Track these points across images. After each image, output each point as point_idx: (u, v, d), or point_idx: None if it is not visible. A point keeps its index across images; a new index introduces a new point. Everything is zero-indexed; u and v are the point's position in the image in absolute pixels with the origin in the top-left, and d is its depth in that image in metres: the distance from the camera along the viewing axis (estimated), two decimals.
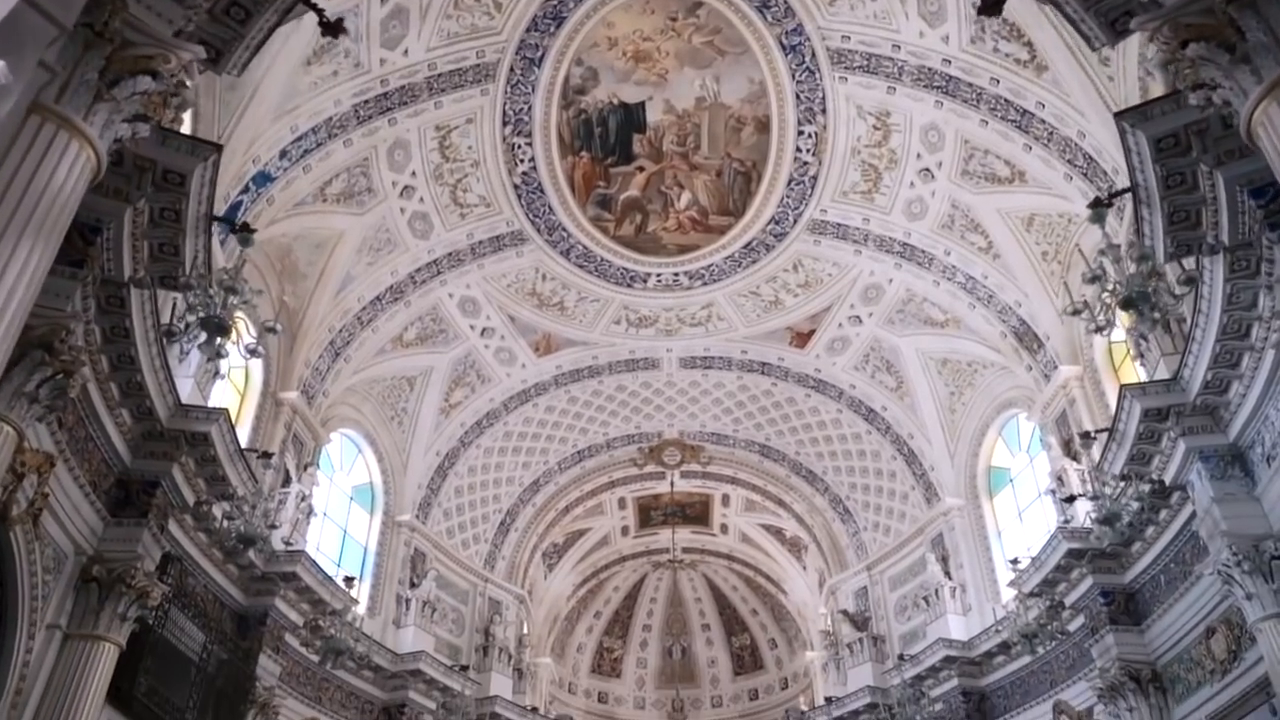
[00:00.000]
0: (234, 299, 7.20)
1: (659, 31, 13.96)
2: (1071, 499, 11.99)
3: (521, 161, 15.39)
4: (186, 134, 7.65)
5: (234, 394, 14.10)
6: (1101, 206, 7.67)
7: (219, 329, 7.18)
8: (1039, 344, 14.94)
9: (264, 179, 12.74)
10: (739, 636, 29.12)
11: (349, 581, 13.89)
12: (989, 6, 9.98)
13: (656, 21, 13.82)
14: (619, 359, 19.42)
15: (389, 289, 16.21)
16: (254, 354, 7.67)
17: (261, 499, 10.90)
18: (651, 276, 17.56)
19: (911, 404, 18.28)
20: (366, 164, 14.38)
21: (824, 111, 14.55)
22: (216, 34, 6.77)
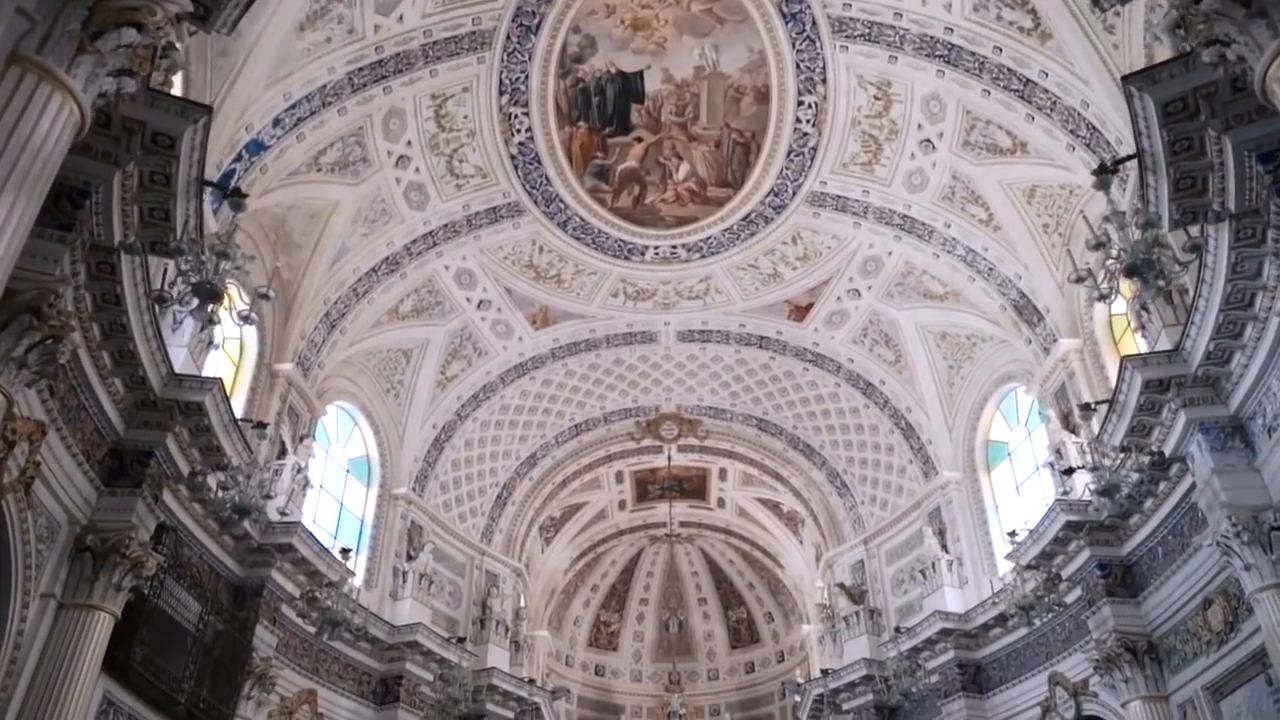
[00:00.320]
0: (226, 264, 7.08)
1: None
2: (1070, 471, 11.96)
3: (518, 132, 15.20)
4: (176, 95, 7.49)
5: (229, 365, 14.00)
6: (1106, 173, 7.55)
7: (211, 294, 7.07)
8: (1039, 317, 14.86)
9: (257, 147, 12.56)
10: (735, 610, 29.25)
11: (345, 553, 13.86)
12: None
13: None
14: (616, 332, 19.32)
15: (384, 260, 16.07)
16: (247, 320, 7.56)
17: (256, 469, 10.83)
18: (649, 249, 17.43)
19: (910, 378, 18.22)
20: (361, 133, 14.19)
21: (824, 81, 14.36)
22: None
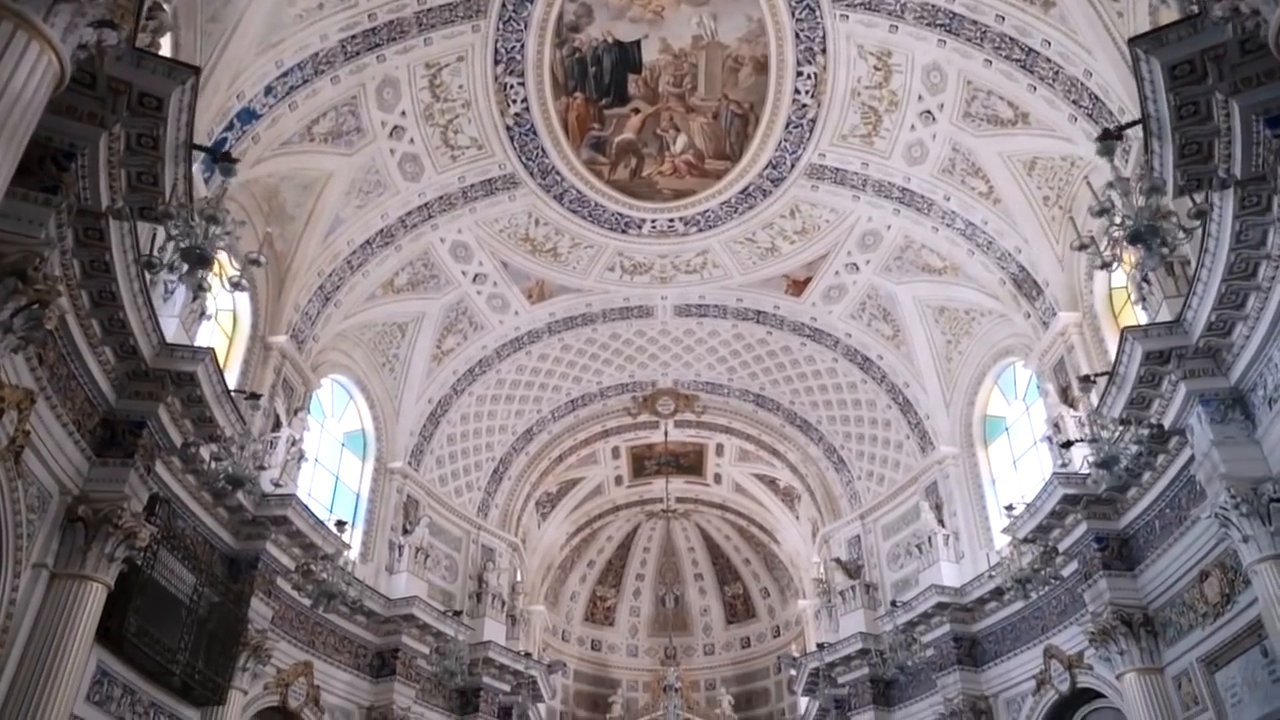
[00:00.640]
0: (216, 229, 6.95)
1: None
2: (1069, 444, 11.92)
3: (514, 102, 15.02)
4: (162, 55, 7.33)
5: (222, 337, 13.89)
6: (1111, 139, 7.44)
7: (201, 260, 6.94)
8: (1038, 291, 14.77)
9: (249, 116, 12.39)
10: (731, 585, 29.34)
11: (340, 526, 13.80)
12: None
13: None
14: (613, 306, 19.22)
15: (379, 232, 15.92)
16: (237, 287, 7.44)
17: (250, 440, 10.75)
18: (646, 222, 17.29)
19: (908, 353, 18.15)
20: (355, 102, 14.02)
21: (824, 51, 14.18)
22: None
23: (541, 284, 18.53)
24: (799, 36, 14.04)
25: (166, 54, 8.66)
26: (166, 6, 6.25)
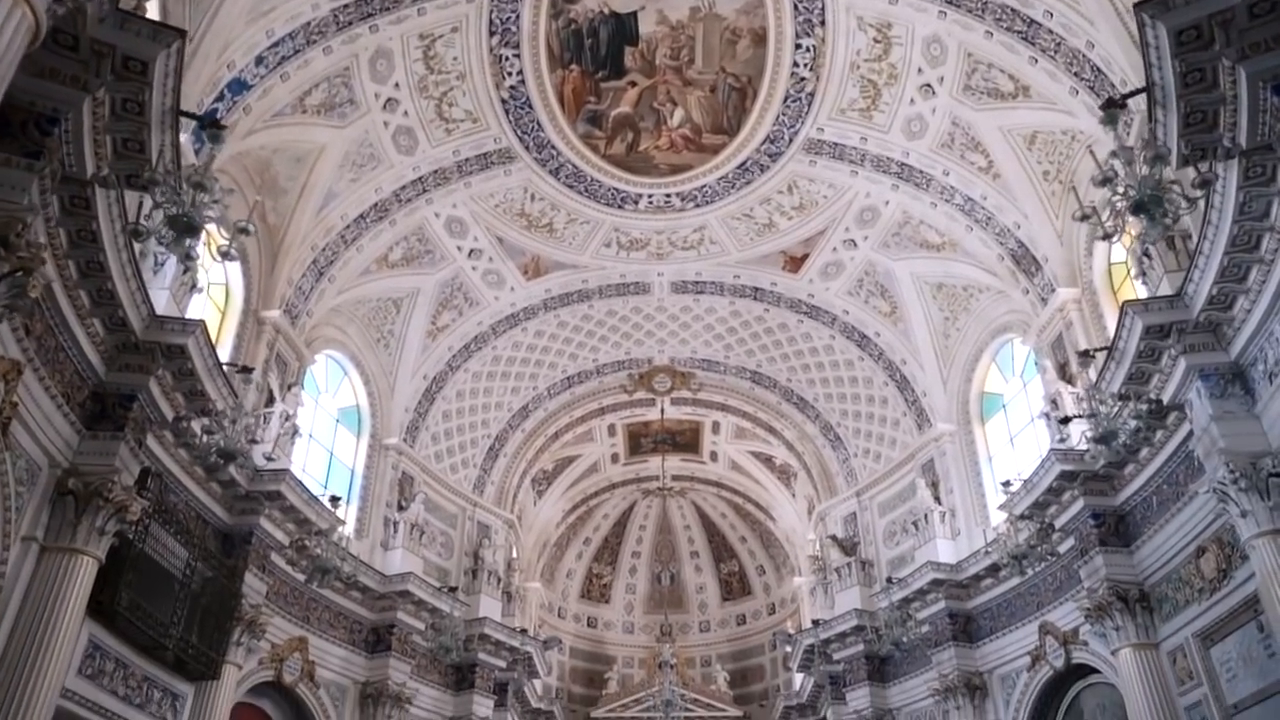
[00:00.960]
0: (203, 197, 6.81)
1: None
2: (1067, 420, 11.86)
3: (509, 75, 14.81)
4: (147, 18, 7.16)
5: (214, 311, 13.76)
6: (1114, 107, 7.31)
7: (188, 228, 6.81)
8: (1037, 267, 14.67)
9: (239, 86, 12.19)
10: (727, 563, 29.42)
11: (335, 501, 13.73)
12: None
13: None
14: (609, 283, 19.10)
15: (373, 207, 15.76)
16: (226, 257, 7.30)
17: (242, 414, 10.65)
18: (643, 198, 17.13)
19: (905, 330, 18.07)
20: (347, 74, 13.80)
21: (822, 23, 13.98)
22: None
23: (537, 260, 18.40)
24: (797, 8, 13.85)
25: (153, 17, 8.50)
26: None
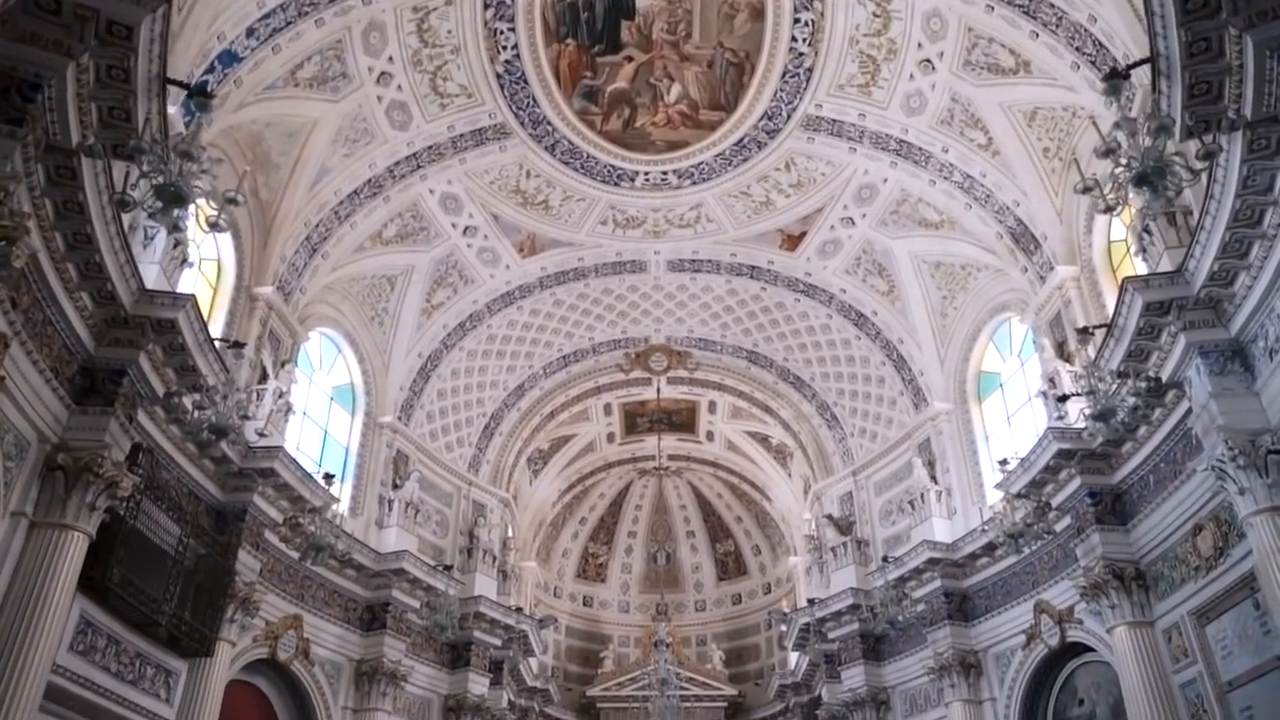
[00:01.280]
0: (191, 166, 6.68)
1: None
2: (1065, 398, 11.80)
3: (504, 49, 14.61)
4: None
5: (206, 288, 13.64)
6: (1118, 77, 7.20)
7: (176, 198, 6.69)
8: (1036, 245, 14.57)
9: (230, 58, 11.99)
10: (723, 543, 29.44)
11: (329, 479, 13.65)
12: None
13: None
14: (605, 261, 18.97)
15: (367, 182, 15.59)
16: (215, 228, 7.18)
17: (234, 389, 10.55)
18: (639, 175, 16.98)
19: (903, 308, 17.98)
20: (340, 47, 13.59)
21: None
22: None
23: (533, 237, 18.26)
24: None
25: None
26: None
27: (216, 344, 10.76)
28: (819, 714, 19.40)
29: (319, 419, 16.71)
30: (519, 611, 19.92)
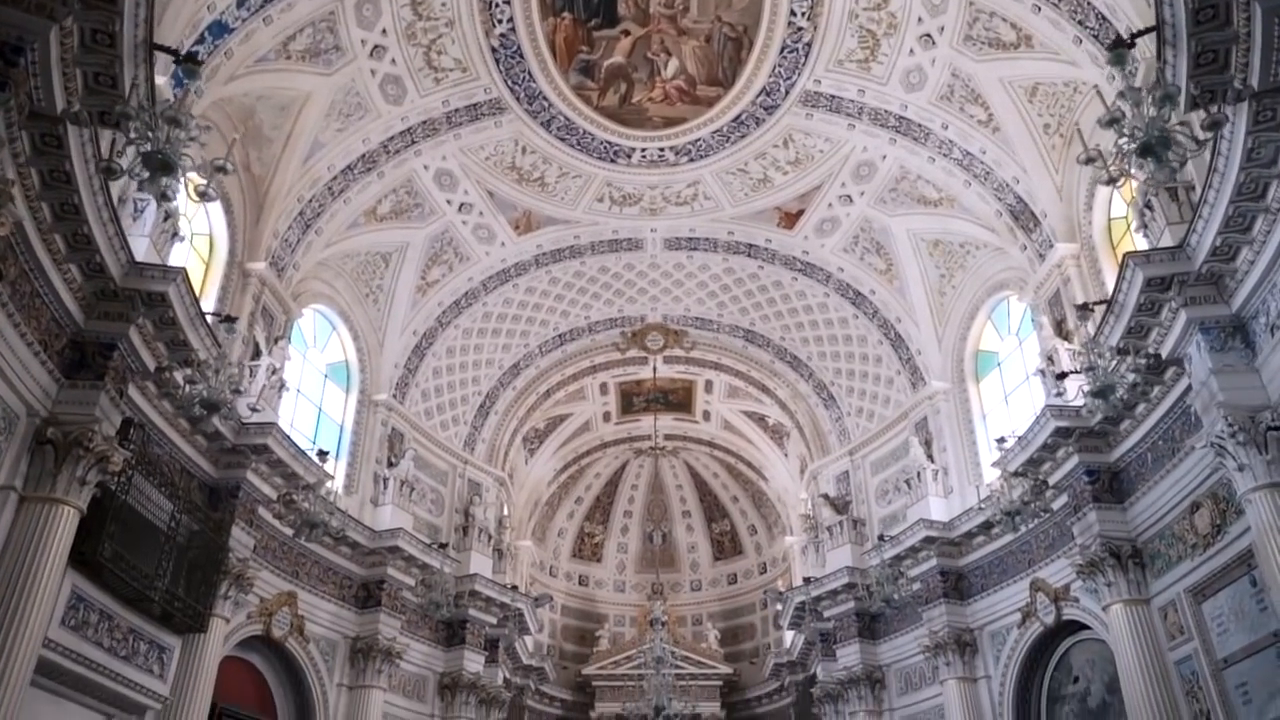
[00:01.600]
0: (179, 133, 6.55)
1: None
2: (1064, 375, 11.73)
3: (499, 22, 14.40)
4: None
5: (198, 263, 13.51)
6: (1123, 47, 7.08)
7: (163, 166, 6.56)
8: (1035, 222, 14.46)
9: (220, 29, 11.79)
10: (719, 523, 29.48)
11: (323, 455, 13.57)
12: None
13: None
14: (602, 239, 18.83)
15: (360, 158, 15.42)
16: (204, 197, 7.06)
17: (226, 364, 10.44)
18: (636, 151, 16.81)
19: (901, 287, 17.89)
20: (333, 18, 13.38)
21: None
22: None
23: (528, 215, 18.11)
24: None
25: None
26: None
27: (208, 318, 10.65)
28: (814, 692, 19.45)
29: (313, 396, 16.62)
30: (514, 590, 19.91)
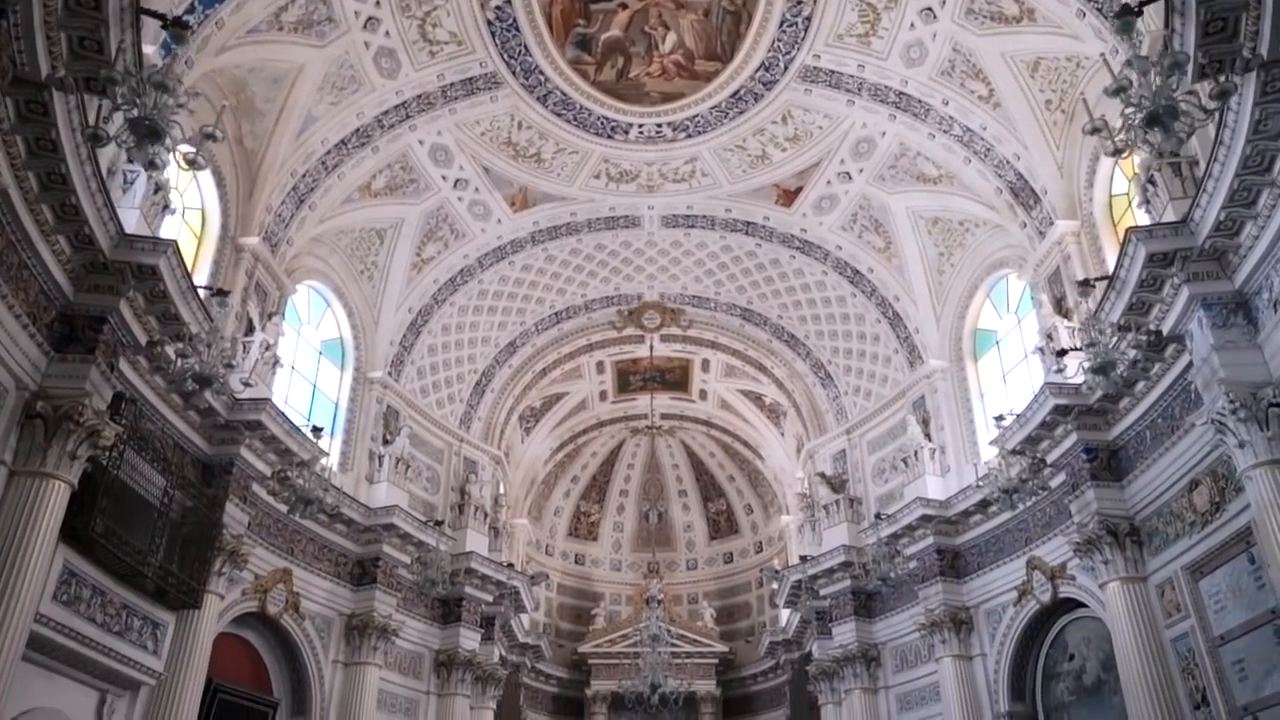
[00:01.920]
0: (167, 99, 6.41)
1: None
2: (1064, 352, 11.66)
3: None
4: None
5: (190, 237, 13.35)
6: (1130, 14, 6.94)
7: (151, 132, 6.42)
8: (1035, 199, 14.34)
9: None
10: (715, 502, 29.47)
11: (317, 432, 13.47)
12: None
13: None
14: (598, 216, 18.66)
15: (355, 132, 15.23)
16: (194, 165, 6.93)
17: (218, 338, 10.32)
18: (633, 127, 16.62)
19: (899, 265, 17.77)
20: None
21: None
22: None
23: (524, 191, 17.94)
24: None
25: None
26: None
27: (200, 292, 10.52)
28: (809, 670, 19.50)
29: (308, 373, 16.50)
30: (510, 568, 19.88)
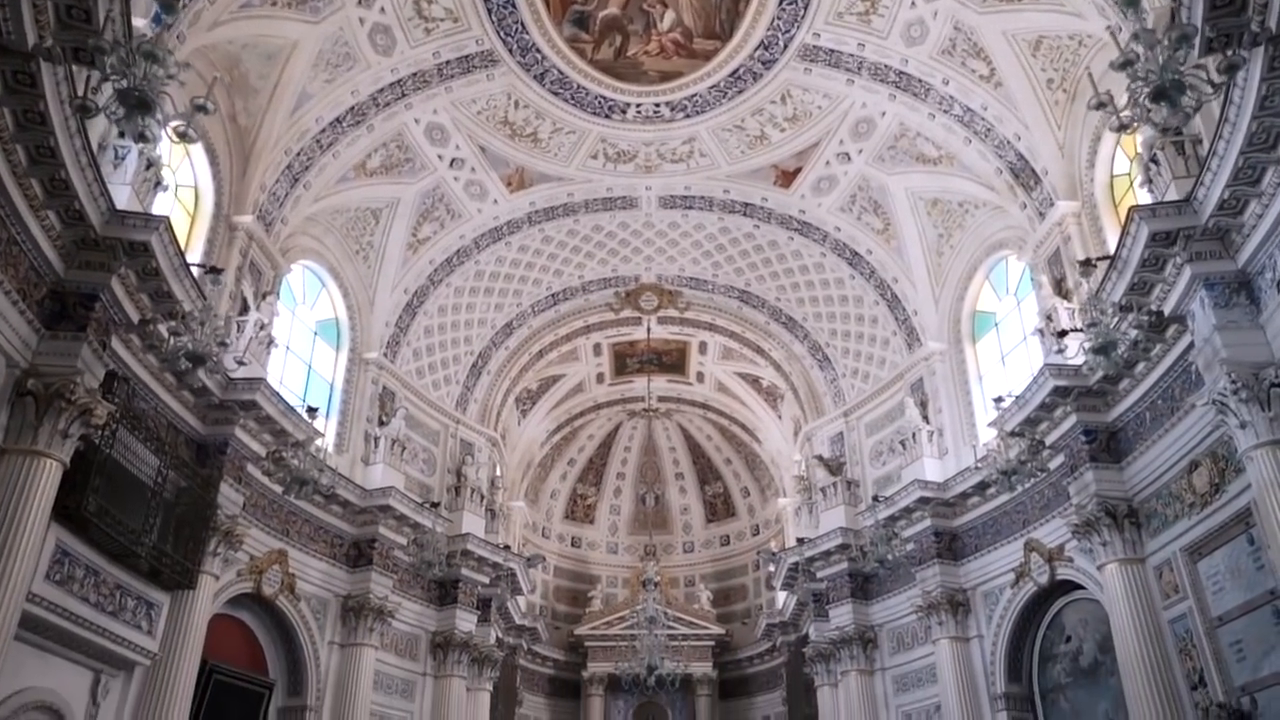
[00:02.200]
0: (156, 69, 6.29)
1: None
2: (1064, 333, 11.59)
3: None
4: None
5: (184, 215, 13.22)
6: None
7: (141, 104, 6.30)
8: (1036, 180, 14.24)
9: None
10: (712, 485, 29.47)
11: (312, 412, 13.37)
12: None
13: None
14: (596, 196, 18.53)
15: (350, 110, 15.08)
16: (184, 138, 6.81)
17: (211, 316, 10.21)
18: (631, 107, 16.47)
19: (898, 247, 17.67)
20: None
21: None
22: None
23: (521, 171, 17.80)
24: None
25: None
26: None
27: (193, 270, 10.40)
28: (806, 652, 19.53)
29: (302, 354, 16.40)
30: (507, 550, 19.86)
